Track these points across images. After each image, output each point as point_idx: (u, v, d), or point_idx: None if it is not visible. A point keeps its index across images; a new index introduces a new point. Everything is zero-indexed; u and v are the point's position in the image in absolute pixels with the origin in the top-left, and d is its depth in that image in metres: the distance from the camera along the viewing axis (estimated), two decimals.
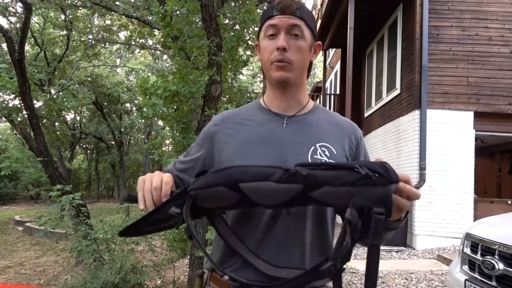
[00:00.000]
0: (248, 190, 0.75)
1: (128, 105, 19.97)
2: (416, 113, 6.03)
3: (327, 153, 0.93)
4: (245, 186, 0.75)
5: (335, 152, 0.94)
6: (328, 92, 12.36)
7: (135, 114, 18.19)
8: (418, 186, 5.84)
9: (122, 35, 12.87)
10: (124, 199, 0.84)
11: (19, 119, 6.79)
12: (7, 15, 9.34)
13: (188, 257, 4.88)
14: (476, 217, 5.67)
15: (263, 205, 0.78)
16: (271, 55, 0.93)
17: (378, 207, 0.67)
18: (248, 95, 7.33)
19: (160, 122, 13.10)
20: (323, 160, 0.91)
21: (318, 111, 1.03)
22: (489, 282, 2.31)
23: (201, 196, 0.78)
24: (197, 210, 0.81)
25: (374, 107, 8.30)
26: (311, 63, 1.03)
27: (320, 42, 1.02)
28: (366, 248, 0.75)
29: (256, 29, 5.92)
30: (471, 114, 6.10)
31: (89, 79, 14.76)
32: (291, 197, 0.74)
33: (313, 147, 0.93)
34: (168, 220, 0.81)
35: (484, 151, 8.91)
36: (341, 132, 1.00)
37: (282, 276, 0.84)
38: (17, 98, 7.47)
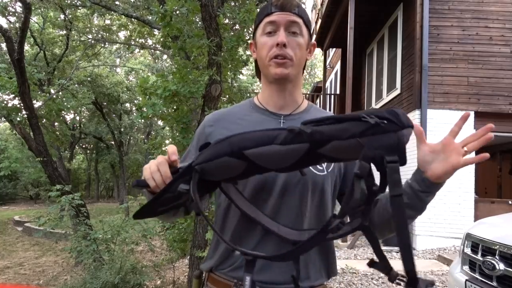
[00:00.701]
0: (253, 156, 0.72)
1: (128, 105, 19.96)
2: (416, 113, 6.03)
3: None
4: (250, 153, 0.72)
5: None
6: (328, 92, 12.35)
7: (135, 114, 18.19)
8: None
9: (122, 35, 12.87)
10: (134, 185, 0.83)
11: (18, 119, 6.78)
12: (7, 14, 9.32)
13: (188, 257, 4.87)
14: (476, 217, 5.67)
15: (273, 169, 0.76)
16: (270, 51, 0.93)
17: (390, 156, 0.64)
18: (248, 95, 7.33)
19: (160, 122, 13.09)
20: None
21: (313, 110, 1.03)
22: (489, 283, 2.31)
23: (208, 169, 0.75)
24: (208, 184, 0.79)
25: (375, 107, 8.30)
26: (305, 62, 1.02)
27: (315, 42, 1.02)
28: (366, 248, 0.74)
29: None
30: (472, 114, 6.10)
31: (88, 79, 14.75)
32: (299, 158, 0.71)
33: None
34: (178, 198, 0.78)
35: (485, 151, 8.90)
36: None
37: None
38: (17, 98, 7.46)
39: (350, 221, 0.73)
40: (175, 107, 4.03)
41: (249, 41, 4.81)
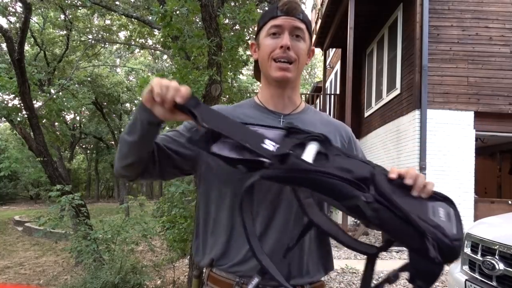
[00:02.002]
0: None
1: (128, 105, 19.97)
2: (416, 113, 6.03)
3: None
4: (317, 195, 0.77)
5: None
6: (328, 92, 12.35)
7: None
8: None
9: (122, 35, 12.86)
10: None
11: (18, 119, 6.78)
12: (7, 14, 9.32)
13: (188, 257, 4.87)
14: (476, 217, 5.67)
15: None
16: (272, 53, 0.95)
17: (422, 282, 0.69)
18: (248, 95, 7.33)
19: None
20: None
21: (309, 111, 1.07)
22: (489, 282, 2.31)
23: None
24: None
25: (374, 107, 8.30)
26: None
27: (314, 48, 1.06)
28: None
29: (256, 29, 5.91)
30: (472, 114, 6.10)
31: (89, 79, 14.77)
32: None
33: None
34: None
35: (484, 151, 8.90)
36: (332, 130, 1.02)
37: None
38: (17, 98, 7.46)
39: None
40: None
41: (249, 41, 4.82)
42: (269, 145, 0.78)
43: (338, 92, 11.19)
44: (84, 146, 26.63)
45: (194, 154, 0.97)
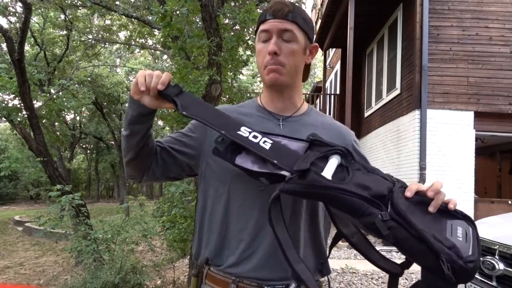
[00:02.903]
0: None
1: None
2: (416, 113, 6.03)
3: None
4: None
5: None
6: (328, 92, 12.35)
7: None
8: None
9: (122, 35, 12.86)
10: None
11: (18, 119, 6.78)
12: (7, 14, 9.32)
13: (188, 257, 4.87)
14: (476, 217, 5.66)
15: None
16: (264, 59, 0.94)
17: None
18: (248, 95, 7.33)
19: (160, 122, 13.10)
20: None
21: (312, 113, 1.05)
22: (489, 282, 2.31)
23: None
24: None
25: (374, 107, 8.30)
26: (309, 65, 1.03)
27: (316, 44, 1.03)
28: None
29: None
30: (471, 114, 6.10)
31: (89, 79, 14.75)
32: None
33: None
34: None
35: (484, 151, 8.90)
36: (334, 134, 1.01)
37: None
38: (17, 98, 7.46)
39: None
40: None
41: (249, 42, 4.82)
42: (245, 132, 0.82)
43: (338, 92, 11.19)
44: (84, 146, 26.62)
45: (197, 154, 0.99)
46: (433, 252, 0.67)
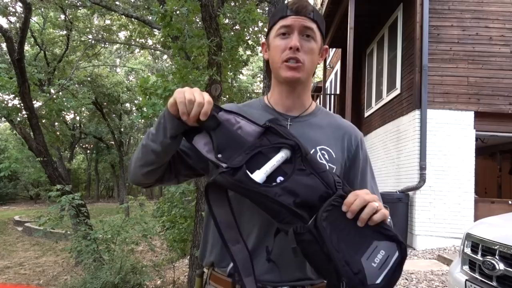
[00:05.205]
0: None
1: (128, 105, 19.97)
2: (416, 113, 6.02)
3: (326, 156, 0.95)
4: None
5: (334, 156, 0.96)
6: (328, 92, 12.35)
7: (135, 114, 18.19)
8: (418, 186, 5.84)
9: (122, 35, 12.87)
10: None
11: (18, 119, 6.79)
12: (7, 14, 9.32)
13: (188, 257, 4.87)
14: (476, 217, 5.66)
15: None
16: (282, 54, 0.93)
17: None
18: (248, 95, 7.33)
19: None
20: (322, 164, 0.90)
21: (320, 113, 1.04)
22: (489, 283, 2.31)
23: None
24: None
25: (374, 107, 8.30)
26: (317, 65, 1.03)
27: (327, 46, 1.03)
28: None
29: (256, 29, 5.91)
30: (472, 114, 6.09)
31: (88, 79, 14.77)
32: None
33: (313, 150, 0.94)
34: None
35: (485, 151, 8.90)
36: (341, 134, 1.01)
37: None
38: (17, 98, 7.46)
39: None
40: None
41: (249, 42, 4.81)
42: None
43: (338, 92, 11.19)
44: (84, 146, 26.62)
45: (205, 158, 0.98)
46: (338, 273, 0.68)
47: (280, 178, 0.76)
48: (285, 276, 0.89)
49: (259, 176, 0.75)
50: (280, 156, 0.78)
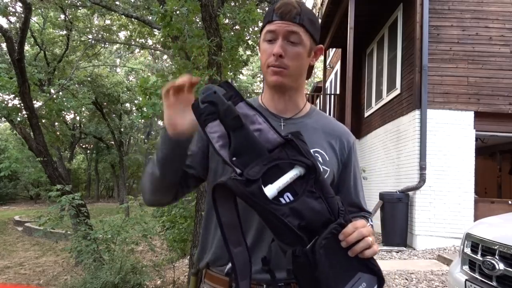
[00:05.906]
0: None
1: (128, 105, 19.96)
2: (416, 113, 6.03)
3: (320, 159, 0.95)
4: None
5: (327, 158, 0.97)
6: (328, 92, 12.35)
7: (134, 114, 18.19)
8: (418, 186, 5.84)
9: (122, 35, 12.87)
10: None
11: (18, 119, 6.79)
12: (7, 14, 9.32)
13: (188, 257, 4.87)
14: (476, 217, 5.67)
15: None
16: (268, 59, 0.94)
17: None
18: (248, 95, 7.33)
19: (160, 122, 13.09)
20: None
21: (314, 114, 1.04)
22: (489, 282, 2.31)
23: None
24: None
25: (374, 107, 8.30)
26: (312, 66, 1.03)
27: (321, 46, 1.02)
28: None
29: (256, 28, 5.92)
30: (472, 114, 6.09)
31: (88, 79, 14.77)
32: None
33: None
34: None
35: (485, 151, 8.90)
36: (335, 137, 1.01)
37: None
38: (17, 98, 7.47)
39: None
40: None
41: (249, 42, 4.81)
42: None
43: (338, 92, 11.19)
44: (84, 146, 26.63)
45: (206, 161, 0.99)
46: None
47: (287, 195, 0.75)
48: (279, 275, 0.89)
49: (271, 191, 0.73)
50: (294, 173, 0.76)
